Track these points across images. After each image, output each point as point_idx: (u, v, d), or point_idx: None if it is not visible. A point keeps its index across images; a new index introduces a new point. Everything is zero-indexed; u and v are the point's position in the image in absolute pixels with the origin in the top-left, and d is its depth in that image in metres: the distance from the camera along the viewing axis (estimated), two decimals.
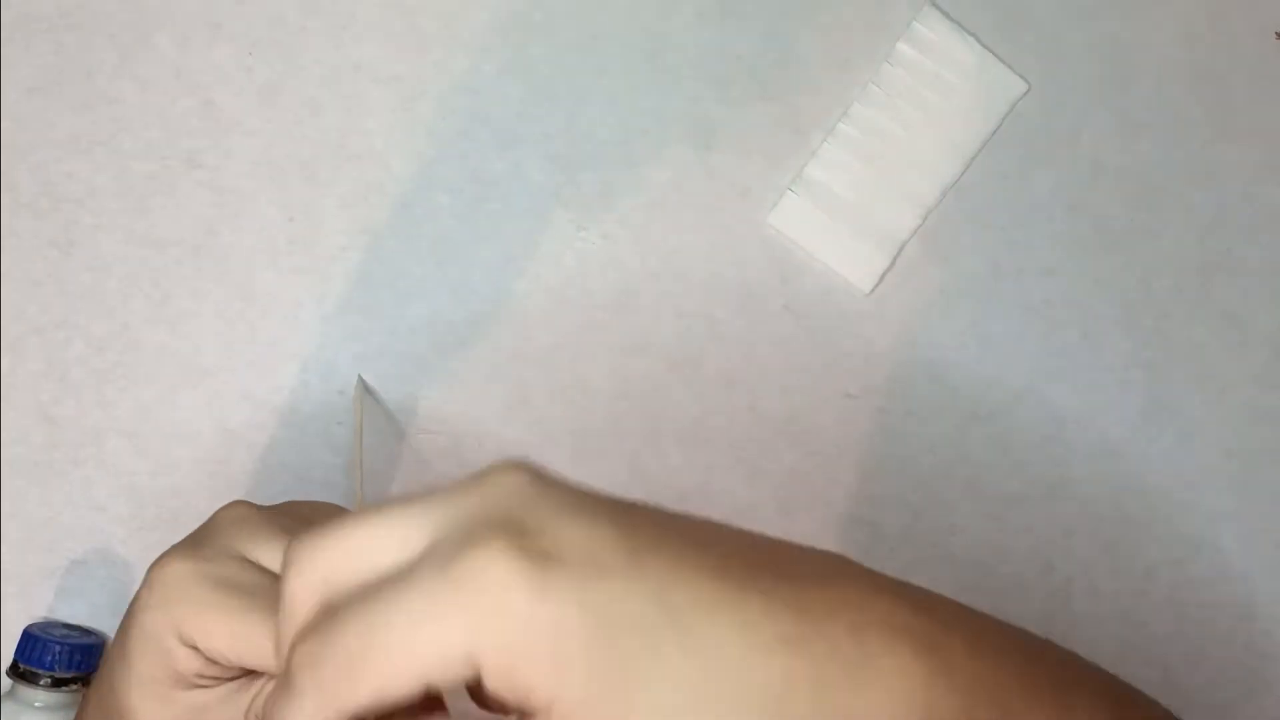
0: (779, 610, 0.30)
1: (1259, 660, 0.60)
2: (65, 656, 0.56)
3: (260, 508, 0.42)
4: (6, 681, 0.57)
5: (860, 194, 0.61)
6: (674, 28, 0.62)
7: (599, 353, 0.61)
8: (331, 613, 0.30)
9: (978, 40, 0.61)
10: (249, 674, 0.41)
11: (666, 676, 0.28)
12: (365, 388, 0.60)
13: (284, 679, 0.30)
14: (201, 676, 0.40)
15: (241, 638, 0.38)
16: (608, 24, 0.62)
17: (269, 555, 0.40)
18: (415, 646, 0.28)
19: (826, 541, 0.61)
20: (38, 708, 0.56)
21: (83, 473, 0.60)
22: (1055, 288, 0.61)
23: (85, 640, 0.57)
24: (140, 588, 0.40)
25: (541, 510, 0.30)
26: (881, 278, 0.61)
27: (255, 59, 0.61)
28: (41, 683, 0.56)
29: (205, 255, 0.61)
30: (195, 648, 0.39)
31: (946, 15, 0.61)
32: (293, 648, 0.30)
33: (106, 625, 0.59)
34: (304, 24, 0.61)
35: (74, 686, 0.56)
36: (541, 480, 0.31)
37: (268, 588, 0.39)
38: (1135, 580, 0.61)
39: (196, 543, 0.41)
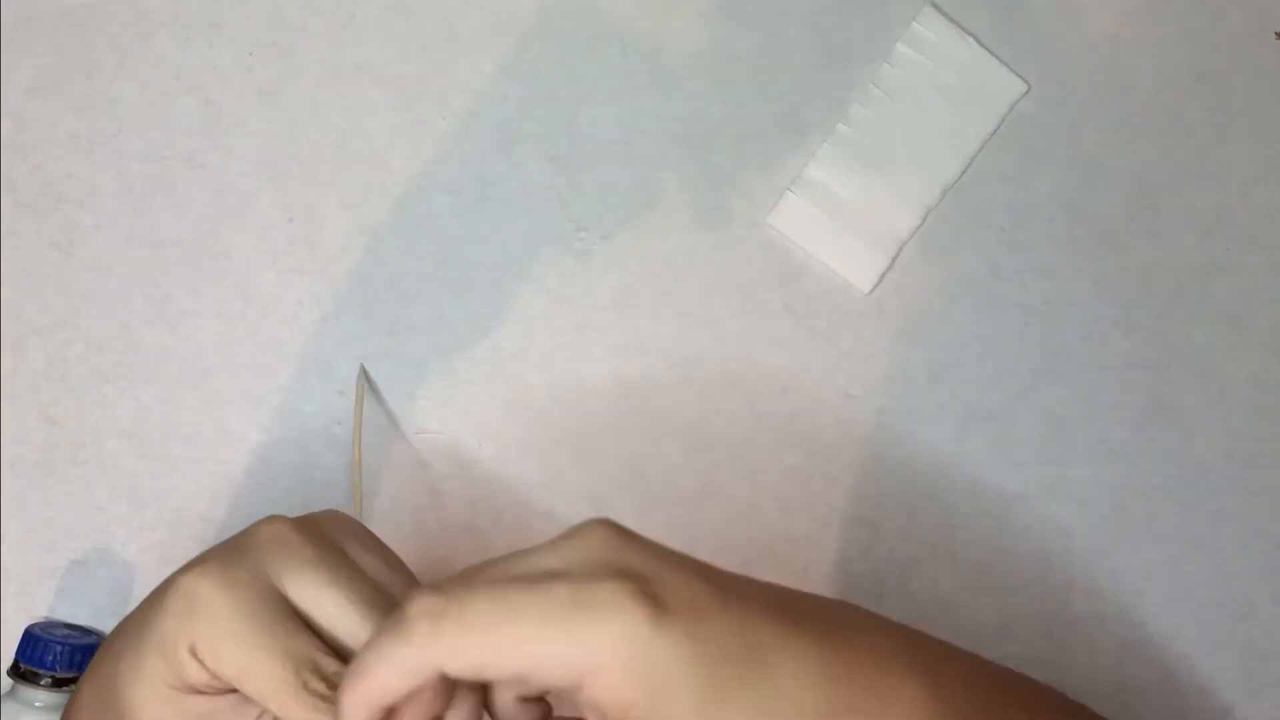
0: (824, 649, 0.36)
1: (1259, 660, 0.60)
2: (66, 657, 0.56)
3: (300, 529, 0.43)
4: (7, 681, 0.57)
5: (860, 194, 0.61)
6: (674, 28, 0.62)
7: (599, 353, 0.61)
8: (457, 581, 0.36)
9: (977, 41, 0.61)
10: None
11: (749, 700, 0.35)
12: (366, 377, 0.60)
13: (399, 623, 0.35)
14: (210, 687, 0.41)
15: (248, 673, 0.39)
16: (608, 24, 0.62)
17: (304, 593, 0.41)
18: (536, 645, 0.34)
19: (827, 541, 0.62)
20: (38, 708, 0.56)
21: (83, 473, 0.60)
22: (1055, 288, 0.61)
23: (86, 640, 0.57)
24: (168, 590, 0.41)
25: (642, 560, 0.36)
26: (881, 278, 0.61)
27: (255, 59, 0.61)
28: (42, 683, 0.56)
29: (205, 255, 0.61)
30: (206, 666, 0.40)
31: (946, 16, 0.61)
32: (415, 597, 0.35)
33: (107, 625, 0.59)
34: (304, 24, 0.61)
35: (74, 687, 0.57)
36: (630, 534, 0.37)
37: (289, 628, 0.40)
38: (1135, 580, 0.61)
39: (231, 560, 0.41)
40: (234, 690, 0.41)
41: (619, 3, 0.62)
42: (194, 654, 0.40)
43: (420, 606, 0.35)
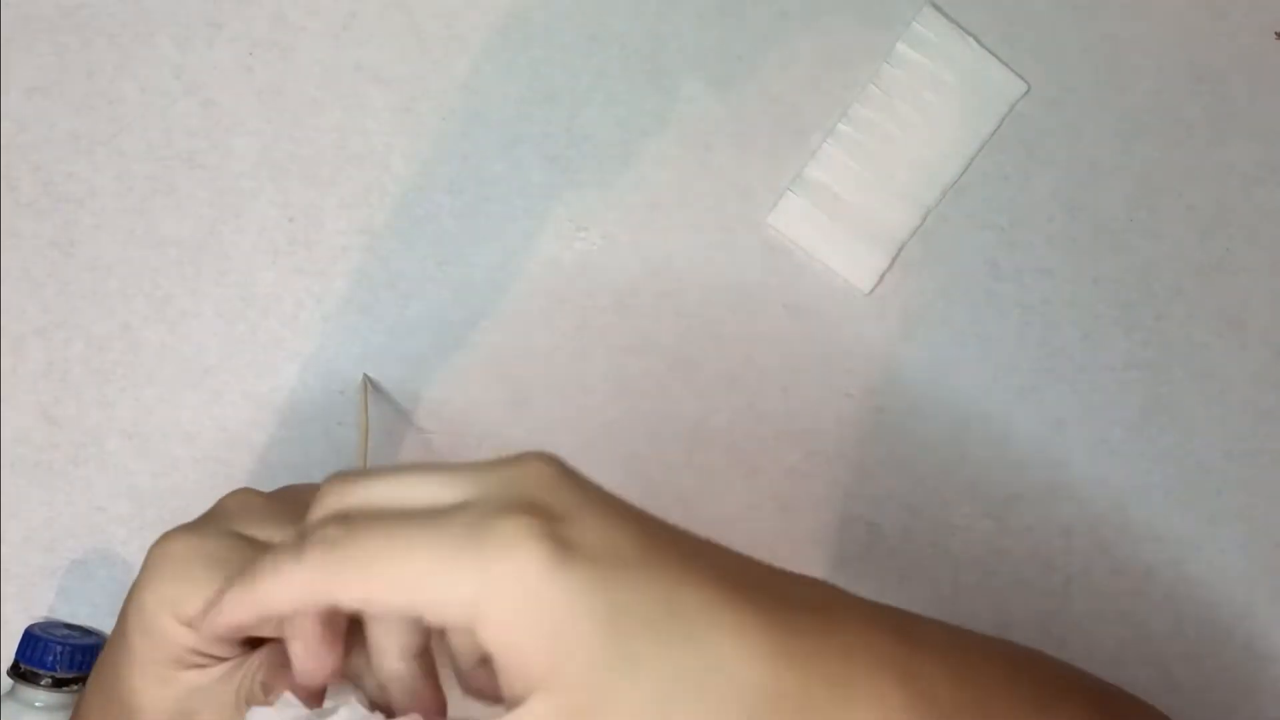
0: (775, 626, 0.32)
1: (1259, 660, 0.60)
2: (66, 657, 0.56)
3: (264, 494, 0.43)
4: (7, 681, 0.57)
5: (860, 194, 0.61)
6: (674, 28, 0.62)
7: (599, 353, 0.61)
8: (359, 516, 0.34)
9: (977, 41, 0.61)
10: (244, 654, 0.41)
11: (665, 669, 0.31)
12: (371, 384, 0.60)
13: (297, 543, 0.34)
14: (198, 654, 0.40)
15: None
16: (608, 24, 0.62)
17: (270, 536, 0.41)
18: (422, 578, 0.31)
19: (826, 541, 0.62)
20: (38, 708, 0.56)
21: (83, 473, 0.60)
22: (1055, 288, 0.61)
23: (86, 640, 0.57)
24: (140, 569, 0.41)
25: (568, 500, 0.33)
26: (881, 278, 0.61)
27: (256, 59, 0.61)
28: (42, 683, 0.56)
29: (205, 255, 0.61)
30: (190, 625, 0.40)
31: (946, 15, 0.61)
32: (316, 524, 0.34)
33: (107, 625, 0.59)
34: (304, 24, 0.61)
35: (75, 687, 0.57)
36: (567, 473, 0.34)
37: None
38: (1135, 580, 0.61)
39: (196, 524, 0.42)
40: (223, 659, 0.41)
41: (619, 3, 0.62)
42: (177, 617, 0.39)
43: (319, 532, 0.33)
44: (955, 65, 0.61)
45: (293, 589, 0.34)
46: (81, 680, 0.57)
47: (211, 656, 0.41)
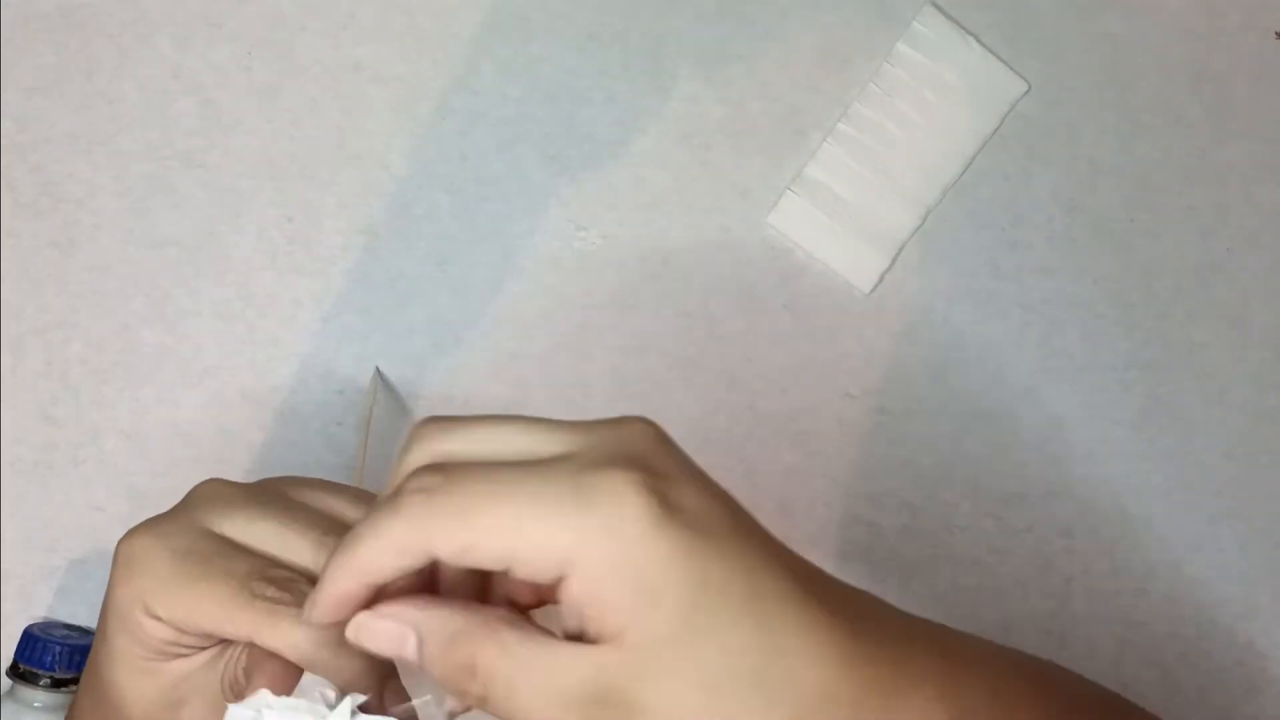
0: (839, 630, 0.33)
1: (1259, 660, 0.60)
2: (65, 657, 0.56)
3: (237, 484, 0.42)
4: (6, 682, 0.57)
5: (860, 194, 0.61)
6: (674, 28, 0.61)
7: (599, 353, 0.61)
8: (456, 463, 0.33)
9: (977, 40, 0.61)
10: (227, 641, 0.41)
11: (731, 647, 0.31)
12: (381, 379, 0.60)
13: (394, 497, 0.33)
14: (177, 646, 0.40)
15: (198, 604, 0.39)
16: (608, 24, 0.62)
17: (237, 527, 0.40)
18: (524, 525, 0.31)
19: (826, 541, 0.62)
20: (37, 708, 0.56)
21: (83, 473, 0.60)
22: (1055, 288, 0.61)
23: (85, 641, 0.57)
24: (111, 565, 0.41)
25: (669, 463, 0.33)
26: (881, 278, 0.61)
27: (255, 59, 0.61)
28: (41, 683, 0.56)
29: (204, 255, 0.61)
30: (161, 619, 0.39)
31: (946, 15, 0.61)
32: (414, 475, 0.33)
33: None
34: (304, 24, 0.61)
35: (74, 687, 0.56)
36: (668, 438, 0.34)
37: (228, 554, 0.39)
38: (1135, 580, 0.61)
39: (163, 518, 0.42)
40: (204, 647, 0.41)
41: (619, 3, 0.62)
42: (148, 612, 0.39)
43: (415, 482, 0.32)
44: (956, 64, 0.61)
45: (394, 545, 0.32)
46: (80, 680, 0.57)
47: (191, 647, 0.40)
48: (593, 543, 0.31)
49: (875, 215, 0.61)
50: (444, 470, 0.33)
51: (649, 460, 0.33)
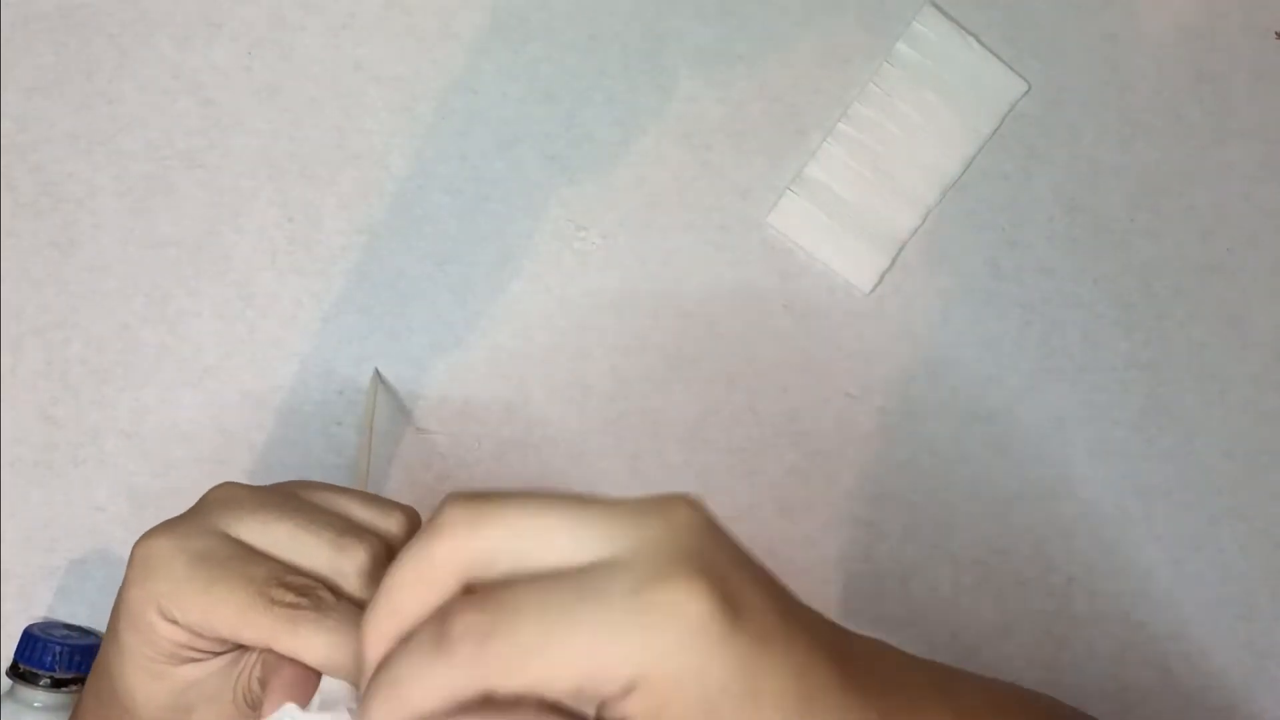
0: (872, 710, 0.33)
1: (1259, 660, 0.60)
2: (65, 657, 0.56)
3: (251, 487, 0.42)
4: (6, 682, 0.57)
5: (860, 194, 0.61)
6: (674, 28, 0.61)
7: (599, 353, 0.61)
8: (501, 593, 0.31)
9: (977, 40, 0.61)
10: (241, 647, 0.41)
11: None
12: (381, 380, 0.60)
13: (440, 640, 0.31)
14: (190, 650, 0.40)
15: (213, 609, 0.39)
16: (608, 24, 0.62)
17: (253, 531, 0.40)
18: (592, 656, 0.30)
19: (826, 541, 0.62)
20: (37, 708, 0.56)
21: (83, 473, 0.60)
22: (1055, 288, 0.61)
23: (85, 641, 0.57)
24: (126, 566, 0.41)
25: (722, 559, 0.31)
26: (881, 277, 0.61)
27: (255, 59, 0.61)
28: (41, 683, 0.56)
29: (204, 255, 0.61)
30: (176, 622, 0.39)
31: (946, 15, 0.61)
32: (456, 614, 0.31)
33: (106, 625, 0.59)
34: (304, 24, 0.61)
35: (74, 687, 0.56)
36: (715, 524, 0.32)
37: (245, 559, 0.40)
38: (1135, 580, 0.61)
39: (179, 520, 0.41)
40: (217, 653, 0.41)
41: (619, 3, 0.62)
42: (163, 614, 0.39)
43: (462, 624, 0.30)
44: (956, 65, 0.61)
45: (444, 690, 0.31)
46: (80, 681, 0.57)
47: (204, 651, 0.40)
48: (661, 663, 0.30)
49: (875, 215, 0.61)
50: (491, 606, 0.31)
51: (706, 558, 0.31)
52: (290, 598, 0.38)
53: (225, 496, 0.42)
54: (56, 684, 0.56)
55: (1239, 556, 0.60)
